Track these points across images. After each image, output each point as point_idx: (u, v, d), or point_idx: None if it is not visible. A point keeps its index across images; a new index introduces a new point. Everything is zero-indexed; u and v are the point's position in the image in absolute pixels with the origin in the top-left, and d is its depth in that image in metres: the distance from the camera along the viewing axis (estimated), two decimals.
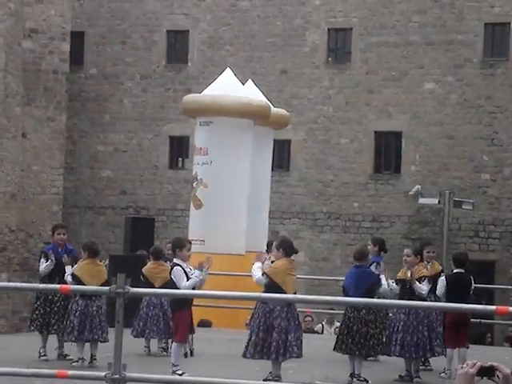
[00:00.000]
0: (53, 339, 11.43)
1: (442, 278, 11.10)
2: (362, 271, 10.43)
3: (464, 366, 3.62)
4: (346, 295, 10.22)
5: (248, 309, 16.66)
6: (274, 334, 9.58)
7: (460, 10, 27.01)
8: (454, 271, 11.18)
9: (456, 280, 10.96)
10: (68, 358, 11.28)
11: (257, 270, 9.89)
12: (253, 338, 9.68)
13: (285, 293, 9.53)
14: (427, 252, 11.79)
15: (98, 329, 10.95)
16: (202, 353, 11.90)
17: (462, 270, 11.10)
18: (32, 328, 11.57)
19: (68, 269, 11.16)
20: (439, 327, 10.94)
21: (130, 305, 9.16)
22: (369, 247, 11.70)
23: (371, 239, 12.63)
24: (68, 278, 11.02)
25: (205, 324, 15.87)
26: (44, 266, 11.43)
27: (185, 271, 9.95)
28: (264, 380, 9.47)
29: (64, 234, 11.69)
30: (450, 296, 10.71)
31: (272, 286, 9.64)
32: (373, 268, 11.18)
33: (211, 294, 10.20)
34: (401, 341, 10.43)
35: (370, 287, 10.22)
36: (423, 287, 10.52)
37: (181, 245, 10.27)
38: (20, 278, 23.76)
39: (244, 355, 9.76)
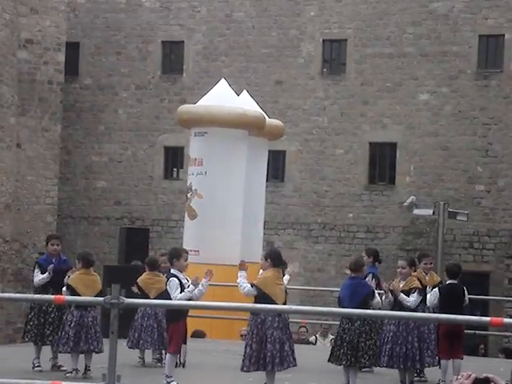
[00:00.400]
0: (47, 350, 11.39)
1: (435, 289, 11.10)
2: (357, 282, 10.42)
3: (459, 377, 3.61)
4: (342, 306, 10.21)
5: (242, 319, 16.66)
6: (268, 344, 9.55)
7: (454, 22, 27.10)
8: (447, 282, 11.19)
9: (449, 291, 10.97)
10: (62, 368, 11.24)
11: (243, 281, 9.84)
12: (247, 350, 9.67)
13: (275, 303, 9.52)
14: (425, 263, 11.80)
15: (94, 339, 10.91)
16: (197, 364, 11.87)
17: (455, 282, 11.12)
18: (26, 339, 11.54)
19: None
20: (430, 338, 10.94)
21: (125, 315, 9.14)
22: (363, 258, 11.71)
23: (365, 250, 12.67)
24: (63, 288, 10.98)
25: (198, 335, 15.84)
26: (40, 278, 11.40)
27: (181, 282, 9.93)
28: None
29: (58, 245, 11.68)
30: (443, 307, 10.71)
31: (262, 296, 9.61)
32: (369, 279, 11.17)
33: (206, 305, 10.18)
34: (389, 351, 10.44)
35: (364, 299, 10.21)
36: (409, 299, 10.53)
37: (178, 255, 10.25)
38: (14, 288, 23.71)
39: (241, 369, 9.73)
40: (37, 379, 9.53)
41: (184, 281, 10.00)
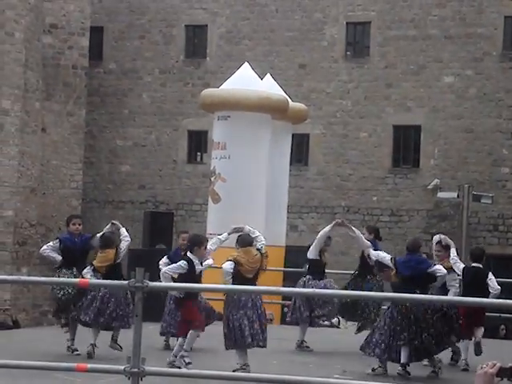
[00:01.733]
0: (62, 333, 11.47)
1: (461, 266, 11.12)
2: (416, 259, 10.64)
3: (484, 366, 3.61)
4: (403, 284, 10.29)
5: (265, 303, 16.68)
6: (240, 323, 9.68)
7: (479, 3, 26.87)
8: (472, 265, 11.21)
9: (473, 274, 10.99)
10: (76, 353, 11.25)
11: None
12: (225, 330, 9.82)
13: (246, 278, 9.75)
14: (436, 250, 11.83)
15: (117, 317, 11.05)
16: (201, 348, 11.84)
17: (480, 265, 11.14)
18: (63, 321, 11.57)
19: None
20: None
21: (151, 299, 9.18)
22: (364, 235, 12.28)
23: (366, 227, 13.05)
24: (87, 275, 11.03)
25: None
26: (50, 251, 11.44)
27: (191, 267, 9.98)
28: (234, 371, 9.52)
29: (79, 225, 11.76)
30: (466, 290, 10.76)
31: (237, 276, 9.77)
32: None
33: (232, 289, 10.17)
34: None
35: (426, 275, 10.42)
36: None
37: (199, 242, 10.27)
38: (40, 272, 23.91)
39: (226, 348, 9.96)
40: (63, 361, 9.63)
41: (198, 266, 10.09)
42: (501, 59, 26.71)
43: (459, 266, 11.01)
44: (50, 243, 11.71)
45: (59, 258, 11.44)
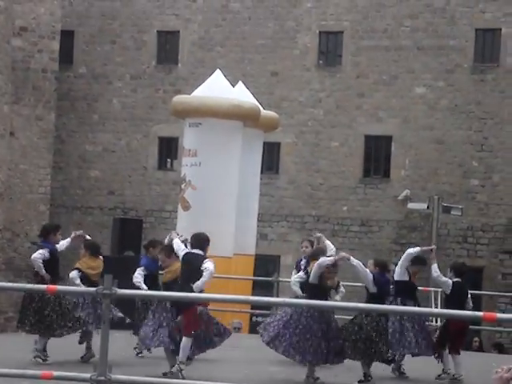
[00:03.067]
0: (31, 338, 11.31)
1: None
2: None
3: (498, 370, 3.61)
4: None
5: (234, 311, 16.58)
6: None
7: (451, 15, 27.01)
8: (454, 280, 11.21)
9: (457, 289, 11.02)
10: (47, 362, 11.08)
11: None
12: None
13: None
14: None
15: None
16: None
17: (460, 280, 11.17)
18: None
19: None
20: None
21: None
22: (370, 267, 11.52)
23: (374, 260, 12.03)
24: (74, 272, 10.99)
25: None
26: (40, 262, 11.23)
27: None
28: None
29: (60, 235, 11.76)
30: (449, 304, 10.84)
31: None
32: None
33: (198, 297, 10.04)
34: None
35: None
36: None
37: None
38: (5, 277, 23.59)
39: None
40: (28, 369, 9.44)
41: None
42: (472, 71, 26.85)
43: (447, 282, 10.97)
44: (42, 252, 11.42)
45: (45, 277, 11.23)
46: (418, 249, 11.40)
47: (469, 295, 11.19)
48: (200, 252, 10.31)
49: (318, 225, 27.67)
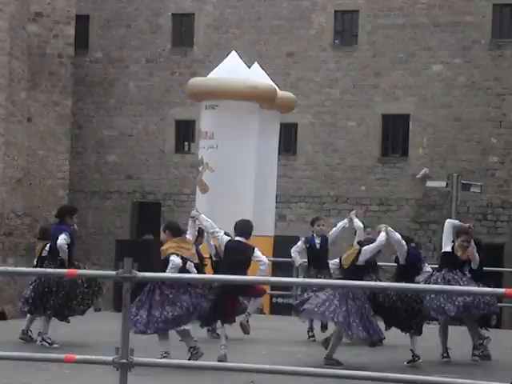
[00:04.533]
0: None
1: None
2: None
3: None
4: None
5: None
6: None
7: None
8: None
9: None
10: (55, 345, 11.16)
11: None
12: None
13: None
14: (462, 241, 11.55)
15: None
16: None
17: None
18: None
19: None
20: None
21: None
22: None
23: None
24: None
25: None
26: (65, 246, 11.29)
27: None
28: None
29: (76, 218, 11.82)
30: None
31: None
32: None
33: (214, 279, 10.02)
34: None
35: None
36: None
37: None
38: (26, 262, 23.71)
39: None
40: (50, 353, 9.50)
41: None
42: (489, 47, 26.63)
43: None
44: (65, 237, 11.45)
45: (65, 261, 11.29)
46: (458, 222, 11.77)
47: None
48: (244, 240, 10.24)
49: (336, 205, 27.64)
